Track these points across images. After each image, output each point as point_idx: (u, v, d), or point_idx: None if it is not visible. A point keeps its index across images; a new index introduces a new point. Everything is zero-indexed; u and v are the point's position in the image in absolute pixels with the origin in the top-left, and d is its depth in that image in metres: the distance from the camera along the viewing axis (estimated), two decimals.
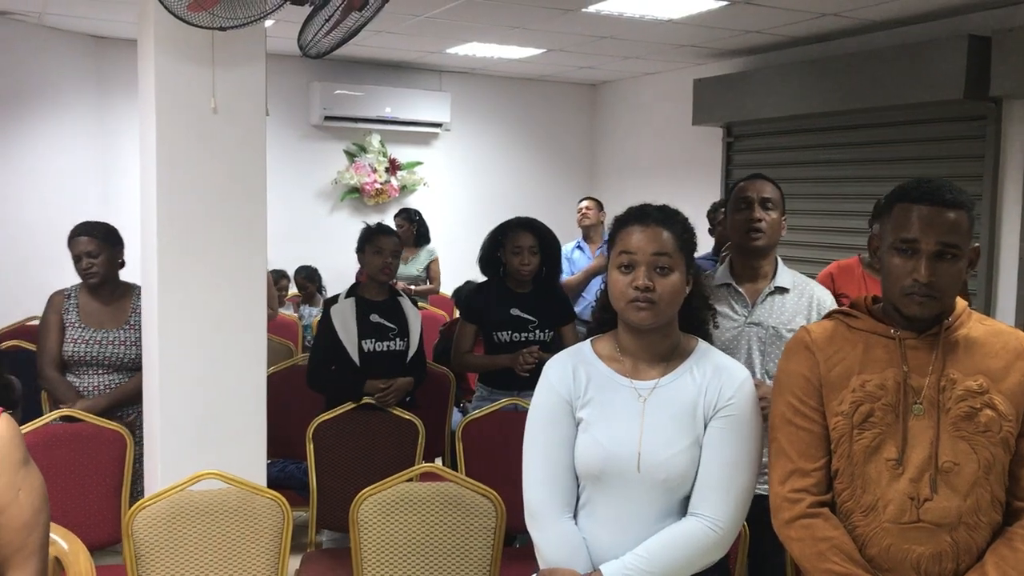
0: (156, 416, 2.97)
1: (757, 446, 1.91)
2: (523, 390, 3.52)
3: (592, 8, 5.19)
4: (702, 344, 1.99)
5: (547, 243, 3.76)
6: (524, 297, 3.75)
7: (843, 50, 5.72)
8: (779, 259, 2.73)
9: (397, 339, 3.66)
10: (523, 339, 3.69)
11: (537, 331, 3.71)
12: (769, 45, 6.12)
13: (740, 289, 2.66)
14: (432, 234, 6.69)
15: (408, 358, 3.67)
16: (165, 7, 2.56)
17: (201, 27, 2.65)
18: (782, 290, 2.65)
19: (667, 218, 1.92)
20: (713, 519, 1.85)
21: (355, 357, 3.57)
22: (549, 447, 1.92)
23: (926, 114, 5.30)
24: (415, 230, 6.51)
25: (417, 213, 6.68)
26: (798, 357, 1.90)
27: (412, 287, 6.15)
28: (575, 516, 1.94)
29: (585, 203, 5.90)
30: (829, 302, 2.68)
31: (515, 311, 3.72)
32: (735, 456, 1.86)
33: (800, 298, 2.65)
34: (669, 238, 1.89)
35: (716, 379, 1.90)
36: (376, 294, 3.73)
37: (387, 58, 7.23)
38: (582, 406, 1.92)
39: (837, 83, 5.58)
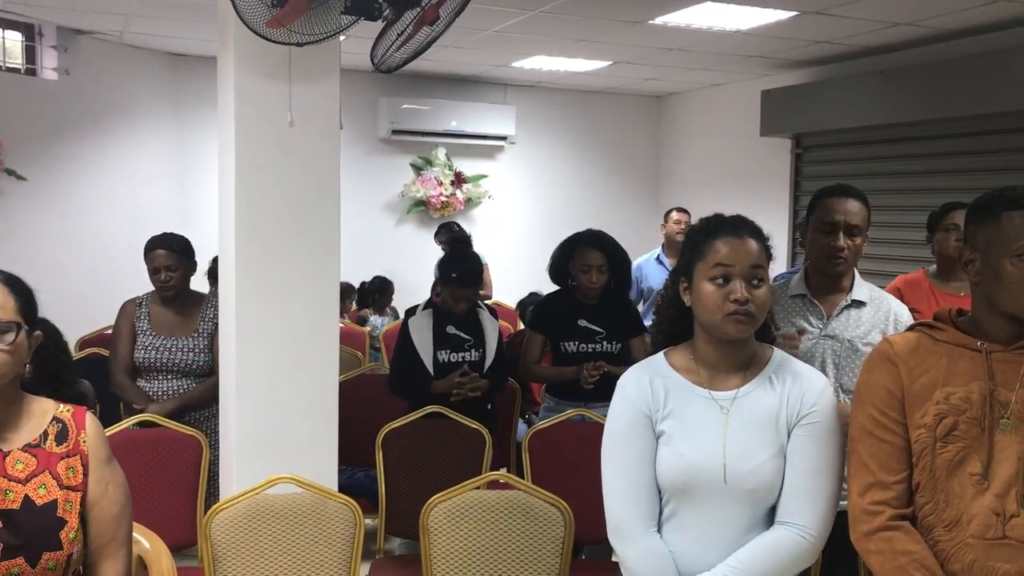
0: (232, 421, 3.04)
1: (841, 453, 1.90)
2: (591, 401, 3.52)
3: (659, 20, 5.18)
4: (778, 352, 1.98)
5: (616, 259, 3.76)
6: (592, 308, 3.75)
7: (917, 59, 5.61)
8: (856, 272, 2.67)
9: (473, 350, 3.69)
10: (590, 350, 3.70)
11: (604, 342, 3.71)
12: (840, 55, 6.04)
13: (816, 301, 2.62)
14: (496, 247, 6.70)
15: (485, 368, 3.69)
16: (245, 24, 2.63)
17: (279, 43, 2.71)
18: (859, 303, 2.60)
19: (754, 229, 1.93)
20: (804, 527, 1.85)
21: (430, 367, 3.63)
22: (630, 461, 1.91)
23: (1006, 124, 5.16)
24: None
25: (456, 225, 6.60)
26: (880, 369, 1.86)
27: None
28: (659, 529, 1.92)
29: (679, 214, 5.79)
30: (906, 317, 2.61)
31: (583, 322, 3.72)
32: (821, 464, 1.87)
33: (877, 312, 2.60)
34: (759, 249, 1.89)
35: (797, 387, 1.90)
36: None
37: (453, 72, 7.31)
38: (662, 419, 1.91)
39: (911, 93, 5.47)
